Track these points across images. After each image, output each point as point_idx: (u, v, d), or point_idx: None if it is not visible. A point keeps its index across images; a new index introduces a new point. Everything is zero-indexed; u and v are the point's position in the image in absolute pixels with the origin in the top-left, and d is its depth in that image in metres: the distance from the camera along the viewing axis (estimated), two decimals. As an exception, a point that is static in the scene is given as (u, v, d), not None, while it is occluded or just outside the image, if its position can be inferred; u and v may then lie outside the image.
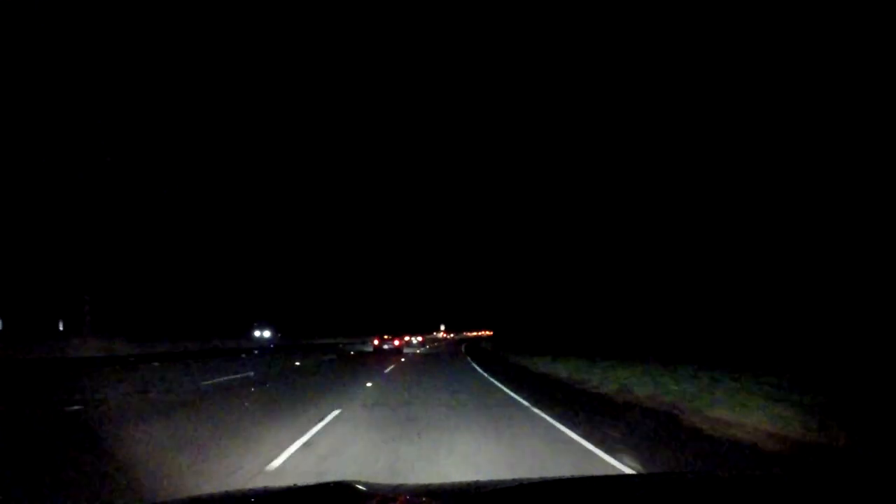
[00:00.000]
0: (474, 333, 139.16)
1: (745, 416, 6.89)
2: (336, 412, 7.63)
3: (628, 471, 4.46)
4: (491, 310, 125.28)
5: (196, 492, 3.67)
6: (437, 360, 23.84)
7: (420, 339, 63.67)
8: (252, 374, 15.23)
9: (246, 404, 8.77)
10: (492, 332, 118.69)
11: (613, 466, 4.67)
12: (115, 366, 17.12)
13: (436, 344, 60.43)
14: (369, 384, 12.08)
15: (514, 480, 1.78)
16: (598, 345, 26.71)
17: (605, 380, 12.30)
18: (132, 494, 3.71)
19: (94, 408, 8.01)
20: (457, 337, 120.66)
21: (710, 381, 10.25)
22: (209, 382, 12.38)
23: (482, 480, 1.87)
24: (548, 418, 7.26)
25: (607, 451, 5.22)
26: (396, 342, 34.45)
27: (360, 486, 1.61)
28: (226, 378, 13.48)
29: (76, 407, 8.04)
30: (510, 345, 39.11)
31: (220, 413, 7.73)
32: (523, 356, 24.34)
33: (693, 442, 5.85)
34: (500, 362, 22.79)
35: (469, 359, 24.70)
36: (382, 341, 33.67)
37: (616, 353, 21.52)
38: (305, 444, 5.59)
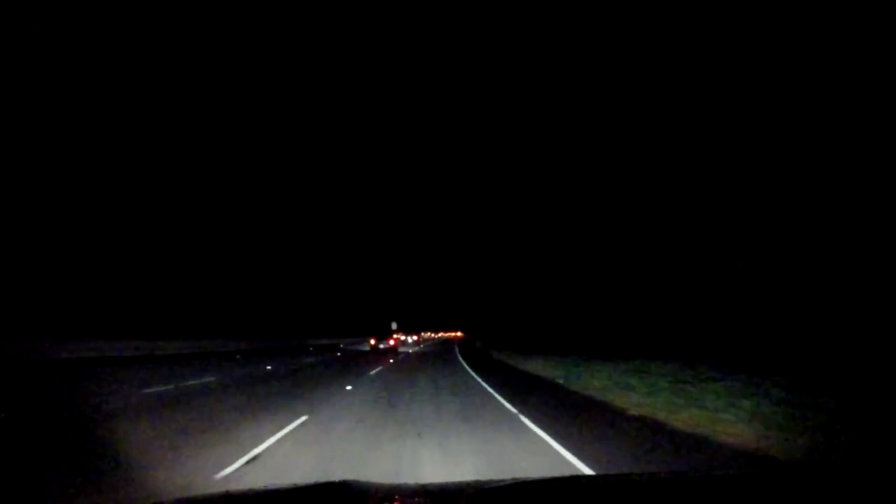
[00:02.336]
0: (451, 334, 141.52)
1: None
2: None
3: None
4: (462, 313, 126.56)
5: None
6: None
7: (415, 338, 65.25)
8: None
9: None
10: (462, 333, 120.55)
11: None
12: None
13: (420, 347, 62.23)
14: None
15: (513, 480, 1.78)
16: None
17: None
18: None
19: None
20: (437, 337, 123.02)
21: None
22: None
23: (481, 480, 1.85)
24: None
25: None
26: (392, 342, 35.53)
27: (360, 486, 1.65)
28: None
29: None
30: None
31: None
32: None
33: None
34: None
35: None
36: (378, 341, 34.89)
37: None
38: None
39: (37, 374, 12.64)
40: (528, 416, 7.11)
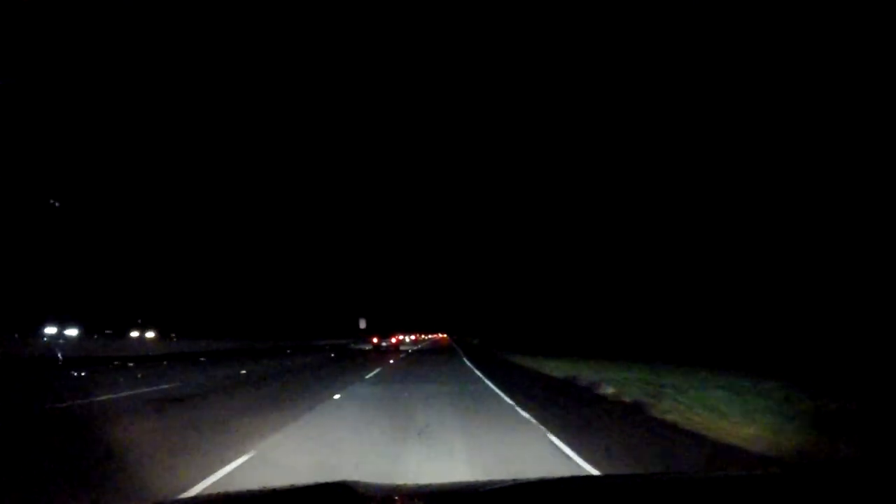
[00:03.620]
0: (435, 336, 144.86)
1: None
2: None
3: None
4: (445, 315, 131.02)
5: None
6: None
7: (413, 337, 67.77)
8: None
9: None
10: (447, 335, 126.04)
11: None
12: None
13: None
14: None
15: (513, 480, 1.81)
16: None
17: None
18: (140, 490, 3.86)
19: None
20: (428, 338, 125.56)
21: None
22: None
23: (482, 480, 1.97)
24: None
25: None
26: (394, 340, 37.34)
27: (360, 487, 1.66)
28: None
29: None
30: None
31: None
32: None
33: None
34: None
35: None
36: (381, 339, 36.72)
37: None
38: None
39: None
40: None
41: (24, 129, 30.38)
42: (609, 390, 10.73)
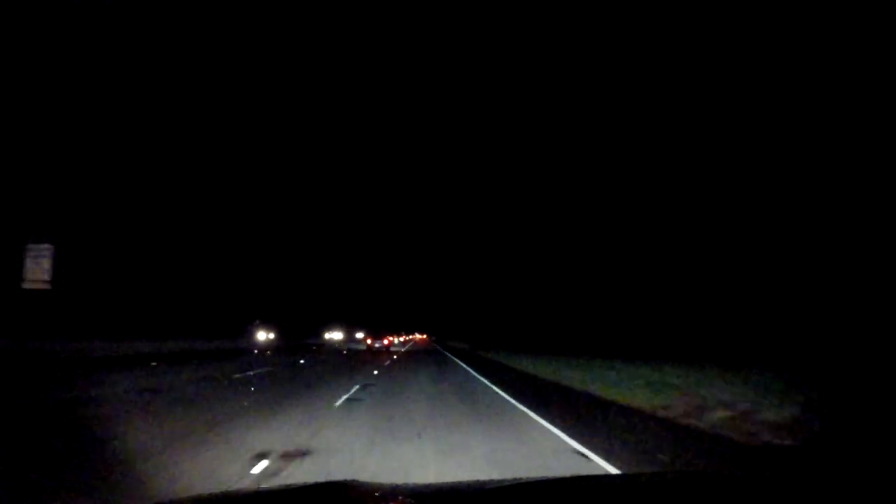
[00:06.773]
0: (415, 337, 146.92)
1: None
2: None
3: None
4: (424, 315, 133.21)
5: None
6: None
7: (402, 339, 74.63)
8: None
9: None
10: (427, 336, 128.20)
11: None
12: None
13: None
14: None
15: (513, 480, 1.85)
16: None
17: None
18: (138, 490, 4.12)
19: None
20: (411, 339, 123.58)
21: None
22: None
23: (482, 480, 1.99)
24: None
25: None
26: (385, 341, 41.42)
27: (359, 486, 1.69)
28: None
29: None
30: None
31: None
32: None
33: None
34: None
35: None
36: (374, 340, 41.39)
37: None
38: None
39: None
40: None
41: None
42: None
